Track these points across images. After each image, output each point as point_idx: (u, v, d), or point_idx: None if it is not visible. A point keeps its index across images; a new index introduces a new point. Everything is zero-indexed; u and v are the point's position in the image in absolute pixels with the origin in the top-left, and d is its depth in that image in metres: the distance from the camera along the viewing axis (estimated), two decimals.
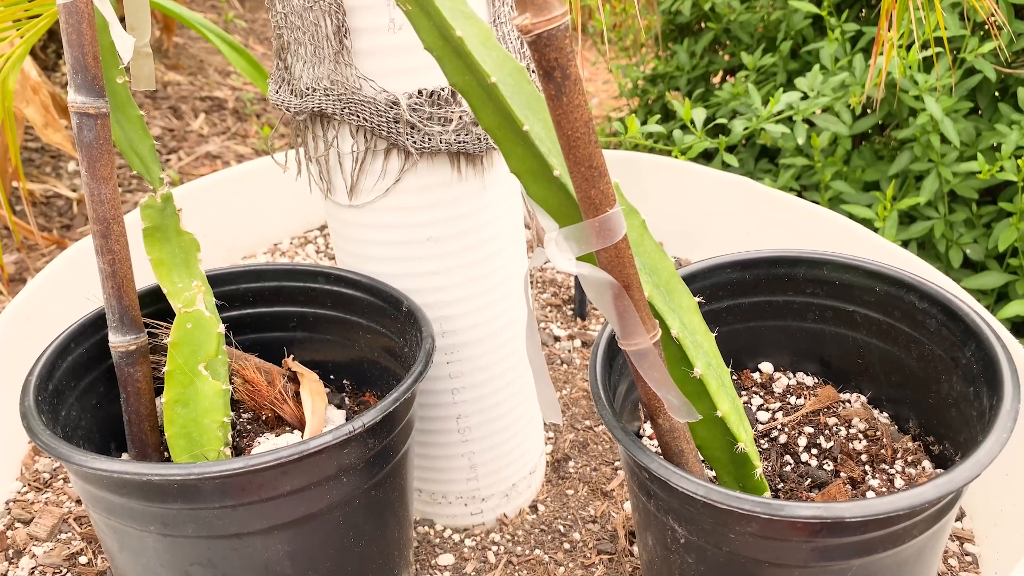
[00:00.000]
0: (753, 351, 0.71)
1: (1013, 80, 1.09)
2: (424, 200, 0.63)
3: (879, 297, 0.64)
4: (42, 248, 1.31)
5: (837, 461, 0.63)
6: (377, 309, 0.67)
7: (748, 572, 0.53)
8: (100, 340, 0.64)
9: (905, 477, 0.62)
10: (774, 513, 0.47)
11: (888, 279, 0.63)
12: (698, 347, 0.54)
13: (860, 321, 0.66)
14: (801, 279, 0.67)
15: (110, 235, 0.58)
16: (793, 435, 0.65)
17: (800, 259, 0.67)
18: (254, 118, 1.78)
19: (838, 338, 0.68)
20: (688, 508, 0.52)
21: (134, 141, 0.66)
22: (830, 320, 0.68)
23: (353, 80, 0.58)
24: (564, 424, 0.89)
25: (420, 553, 0.75)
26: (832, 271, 0.66)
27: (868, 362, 0.67)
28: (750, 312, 0.69)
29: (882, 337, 0.65)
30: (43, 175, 1.47)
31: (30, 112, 1.21)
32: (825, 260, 0.66)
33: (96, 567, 0.72)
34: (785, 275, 0.67)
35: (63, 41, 0.55)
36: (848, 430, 0.66)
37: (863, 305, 0.65)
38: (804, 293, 0.68)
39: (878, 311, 0.65)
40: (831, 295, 0.67)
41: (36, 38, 0.85)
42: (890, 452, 0.64)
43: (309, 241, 1.27)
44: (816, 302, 0.68)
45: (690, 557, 0.55)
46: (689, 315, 0.55)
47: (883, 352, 0.66)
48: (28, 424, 0.54)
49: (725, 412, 0.53)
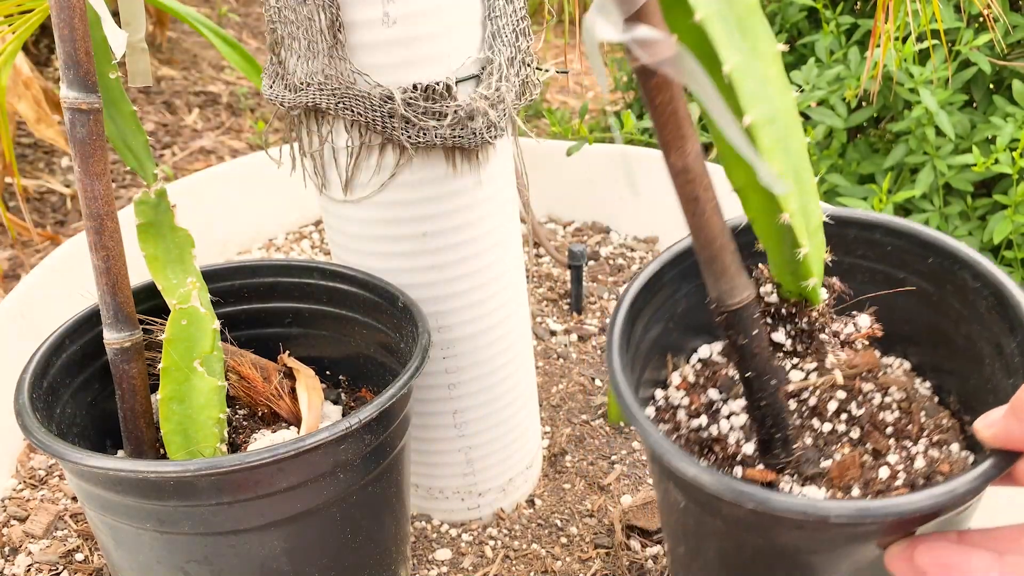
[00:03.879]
0: None
1: (1008, 72, 1.09)
2: (419, 195, 0.63)
3: (930, 268, 0.62)
4: (36, 244, 1.30)
5: (863, 430, 0.61)
6: (373, 304, 0.67)
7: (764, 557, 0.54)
8: (95, 337, 0.63)
9: (927, 459, 0.60)
10: (760, 505, 0.46)
11: (942, 251, 0.61)
12: (760, 98, 0.45)
13: (910, 288, 0.64)
14: (852, 239, 0.65)
15: (104, 231, 0.58)
16: (824, 399, 0.63)
17: (852, 220, 0.64)
18: (248, 113, 1.78)
19: (885, 303, 0.65)
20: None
21: (127, 136, 0.65)
22: (880, 284, 0.65)
23: (347, 75, 0.58)
24: (561, 419, 0.89)
25: (417, 548, 0.75)
26: (884, 235, 0.64)
27: (914, 330, 0.65)
28: None
29: (931, 308, 0.63)
30: (36, 171, 1.47)
31: (22, 107, 1.20)
32: (878, 223, 0.64)
33: (92, 564, 0.72)
34: (836, 235, 0.65)
35: (55, 36, 0.54)
36: (883, 399, 0.64)
37: (914, 273, 0.63)
38: (854, 254, 0.65)
39: (929, 281, 0.63)
40: (881, 259, 0.65)
41: (28, 33, 0.85)
42: (917, 429, 0.62)
43: (304, 236, 1.26)
44: (865, 264, 0.65)
45: (691, 520, 0.57)
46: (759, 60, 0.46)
47: (930, 323, 0.63)
48: (23, 422, 0.54)
49: (792, 211, 0.47)
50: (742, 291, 0.49)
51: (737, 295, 0.49)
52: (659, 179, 1.24)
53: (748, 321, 0.50)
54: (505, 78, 0.61)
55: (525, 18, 0.64)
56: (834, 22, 1.17)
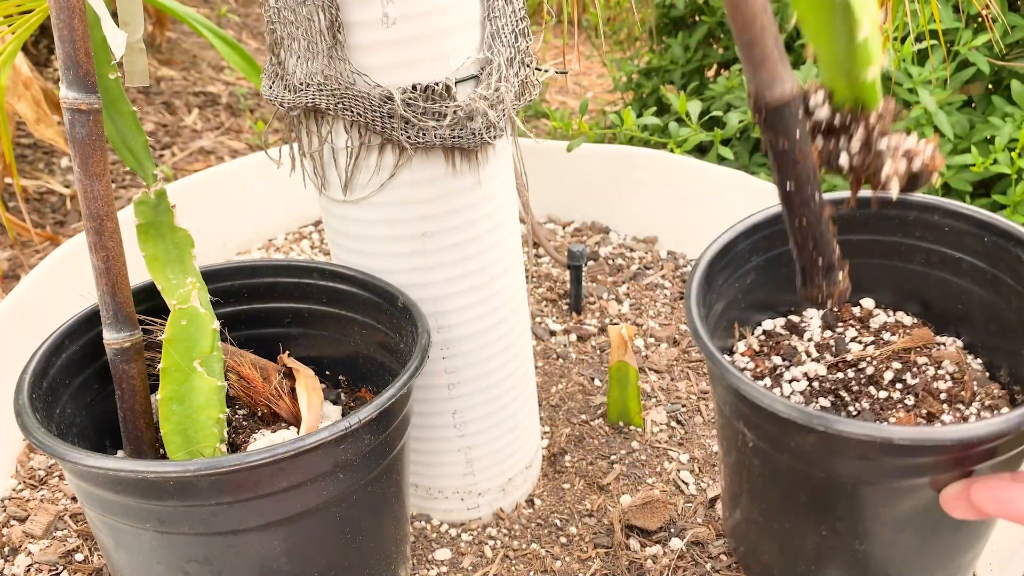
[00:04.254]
0: (857, 286, 0.71)
1: (1007, 73, 1.09)
2: (419, 195, 0.63)
3: (985, 247, 0.65)
4: (36, 244, 1.30)
5: (918, 397, 0.64)
6: (372, 304, 0.67)
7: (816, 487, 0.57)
8: (94, 337, 0.63)
9: (979, 419, 0.61)
10: (828, 427, 0.50)
11: (997, 230, 0.64)
12: None
13: (965, 268, 0.67)
14: (911, 221, 0.68)
15: (103, 232, 0.58)
16: (881, 368, 0.66)
17: (912, 202, 0.68)
18: (248, 113, 1.78)
19: (942, 283, 0.69)
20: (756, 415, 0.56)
21: (127, 137, 0.65)
22: (936, 264, 0.69)
23: (347, 75, 0.58)
24: (560, 419, 0.89)
25: (417, 548, 0.75)
26: (943, 217, 0.67)
27: (968, 308, 0.68)
28: (858, 249, 0.71)
29: (985, 286, 0.66)
30: (36, 171, 1.47)
31: (22, 108, 1.20)
32: (937, 206, 0.67)
33: (92, 564, 0.72)
34: (896, 216, 0.69)
35: (54, 37, 0.54)
36: (937, 370, 0.66)
37: (969, 253, 0.66)
38: (913, 236, 0.69)
39: (984, 260, 0.66)
40: (939, 240, 0.68)
41: (28, 34, 0.85)
42: (969, 395, 0.64)
43: (304, 237, 1.27)
44: (923, 245, 0.69)
45: (756, 459, 0.60)
46: None
47: (984, 300, 0.67)
48: (23, 422, 0.54)
49: None
50: (784, 83, 0.44)
51: (778, 87, 0.44)
52: (659, 179, 1.24)
53: (790, 121, 0.46)
54: (504, 79, 0.61)
55: (524, 19, 0.64)
56: None
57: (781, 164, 0.47)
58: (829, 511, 0.58)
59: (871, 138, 0.50)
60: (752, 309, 0.72)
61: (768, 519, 0.64)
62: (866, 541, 0.59)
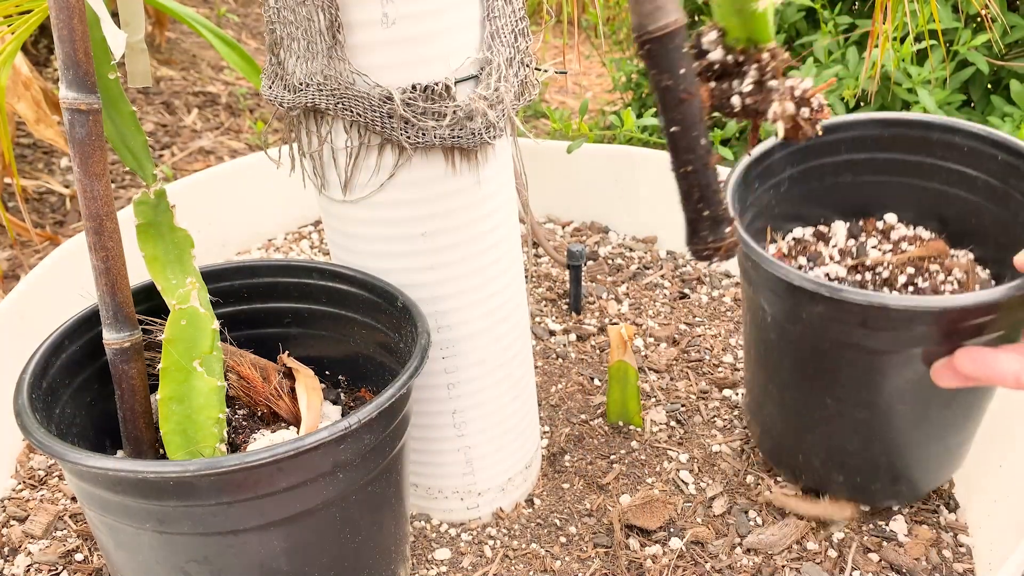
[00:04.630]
0: (882, 204, 0.80)
1: (1006, 72, 1.09)
2: (418, 195, 0.63)
3: (999, 164, 0.71)
4: (35, 245, 1.30)
5: (924, 295, 0.70)
6: (372, 304, 0.67)
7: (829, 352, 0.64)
8: (94, 337, 0.63)
9: None
10: (834, 293, 0.58)
11: (1011, 149, 0.70)
12: None
13: (980, 186, 0.74)
14: (935, 142, 0.75)
15: (103, 232, 0.58)
16: (896, 273, 0.72)
17: (935, 123, 0.74)
18: (247, 113, 1.78)
19: (958, 200, 0.75)
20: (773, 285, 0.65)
21: (127, 137, 0.65)
22: (955, 183, 0.75)
23: (347, 75, 0.58)
24: (560, 418, 0.89)
25: (416, 548, 0.75)
26: (963, 138, 0.73)
27: (981, 224, 0.74)
28: (884, 167, 0.78)
29: (996, 202, 0.72)
30: (36, 171, 1.47)
31: (22, 108, 1.20)
32: (958, 127, 0.73)
33: (92, 564, 0.72)
34: (920, 137, 0.75)
35: (54, 37, 0.54)
36: (947, 277, 0.72)
37: (985, 171, 0.72)
38: (935, 155, 0.75)
39: (997, 178, 0.72)
40: (958, 159, 0.74)
41: (27, 34, 0.85)
42: (971, 288, 0.70)
43: (303, 236, 1.27)
44: (944, 164, 0.75)
45: (773, 334, 0.68)
46: None
47: (995, 216, 0.73)
48: (22, 422, 0.54)
49: None
50: (669, 14, 0.42)
51: (662, 18, 0.41)
52: (658, 179, 1.24)
53: (674, 54, 0.43)
54: (504, 78, 0.61)
55: (524, 19, 0.64)
56: (832, 22, 1.17)
57: (666, 102, 0.44)
58: (833, 380, 0.66)
59: (763, 77, 0.49)
60: (784, 219, 0.79)
61: (781, 391, 0.72)
62: (865, 410, 0.66)
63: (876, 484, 0.73)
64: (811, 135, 0.53)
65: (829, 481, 0.74)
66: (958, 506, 0.76)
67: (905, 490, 0.74)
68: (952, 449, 0.71)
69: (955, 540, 0.73)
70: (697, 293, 1.08)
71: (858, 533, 0.74)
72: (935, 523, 0.75)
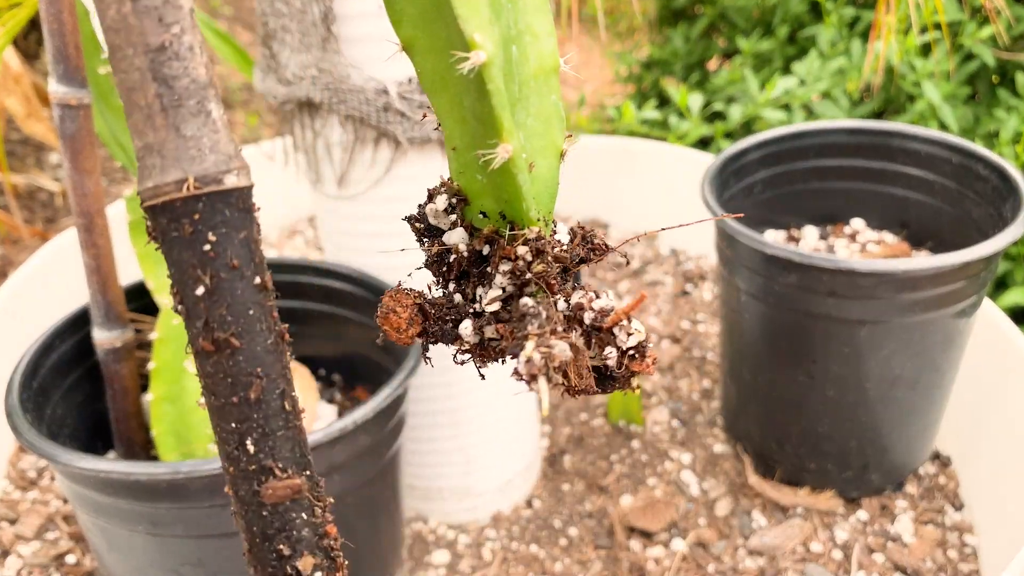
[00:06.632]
0: (850, 210, 0.84)
1: (1011, 65, 1.08)
2: (414, 190, 0.61)
3: (954, 167, 0.76)
4: (25, 241, 1.29)
5: None
6: (367, 303, 0.66)
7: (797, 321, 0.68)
8: (85, 337, 0.62)
9: None
10: (804, 260, 0.62)
11: (964, 151, 0.75)
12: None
13: (938, 190, 0.78)
14: (895, 148, 0.80)
15: (94, 229, 0.57)
16: None
17: (894, 131, 0.79)
18: (240, 107, 1.76)
19: (919, 204, 0.80)
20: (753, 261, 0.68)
21: (117, 132, 0.64)
22: (915, 187, 0.80)
23: (341, 68, 0.57)
24: (560, 419, 0.88)
25: (414, 550, 0.74)
26: (920, 143, 0.78)
27: (939, 224, 0.79)
28: (850, 173, 0.82)
29: (953, 204, 0.77)
30: (26, 167, 1.45)
31: (11, 103, 1.19)
32: (915, 133, 0.78)
33: (84, 567, 0.71)
34: (882, 145, 0.80)
35: (44, 30, 0.53)
36: None
37: (942, 175, 0.78)
38: (896, 161, 0.80)
39: (952, 180, 0.76)
40: (917, 164, 0.79)
41: (17, 28, 0.83)
42: None
43: (297, 232, 1.25)
44: (904, 171, 0.80)
45: (747, 313, 0.71)
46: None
47: (952, 216, 0.77)
48: (13, 423, 0.53)
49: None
50: (180, 166, 0.23)
51: (169, 173, 0.23)
52: (660, 173, 1.23)
53: (193, 244, 0.25)
54: None
55: None
56: (836, 14, 1.15)
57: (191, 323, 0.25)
58: (806, 355, 0.68)
59: (518, 286, 0.30)
60: (758, 223, 0.83)
61: (755, 374, 0.74)
62: (835, 387, 0.69)
63: (848, 471, 0.74)
64: (625, 390, 0.31)
65: (803, 468, 0.76)
66: (963, 506, 0.75)
67: (876, 478, 0.75)
68: (915, 437, 0.73)
69: (961, 540, 0.72)
70: (699, 290, 1.07)
71: (863, 534, 0.73)
72: (941, 523, 0.74)
